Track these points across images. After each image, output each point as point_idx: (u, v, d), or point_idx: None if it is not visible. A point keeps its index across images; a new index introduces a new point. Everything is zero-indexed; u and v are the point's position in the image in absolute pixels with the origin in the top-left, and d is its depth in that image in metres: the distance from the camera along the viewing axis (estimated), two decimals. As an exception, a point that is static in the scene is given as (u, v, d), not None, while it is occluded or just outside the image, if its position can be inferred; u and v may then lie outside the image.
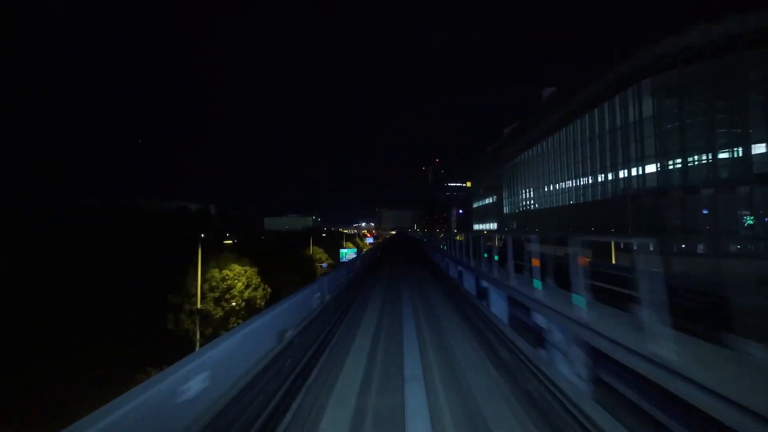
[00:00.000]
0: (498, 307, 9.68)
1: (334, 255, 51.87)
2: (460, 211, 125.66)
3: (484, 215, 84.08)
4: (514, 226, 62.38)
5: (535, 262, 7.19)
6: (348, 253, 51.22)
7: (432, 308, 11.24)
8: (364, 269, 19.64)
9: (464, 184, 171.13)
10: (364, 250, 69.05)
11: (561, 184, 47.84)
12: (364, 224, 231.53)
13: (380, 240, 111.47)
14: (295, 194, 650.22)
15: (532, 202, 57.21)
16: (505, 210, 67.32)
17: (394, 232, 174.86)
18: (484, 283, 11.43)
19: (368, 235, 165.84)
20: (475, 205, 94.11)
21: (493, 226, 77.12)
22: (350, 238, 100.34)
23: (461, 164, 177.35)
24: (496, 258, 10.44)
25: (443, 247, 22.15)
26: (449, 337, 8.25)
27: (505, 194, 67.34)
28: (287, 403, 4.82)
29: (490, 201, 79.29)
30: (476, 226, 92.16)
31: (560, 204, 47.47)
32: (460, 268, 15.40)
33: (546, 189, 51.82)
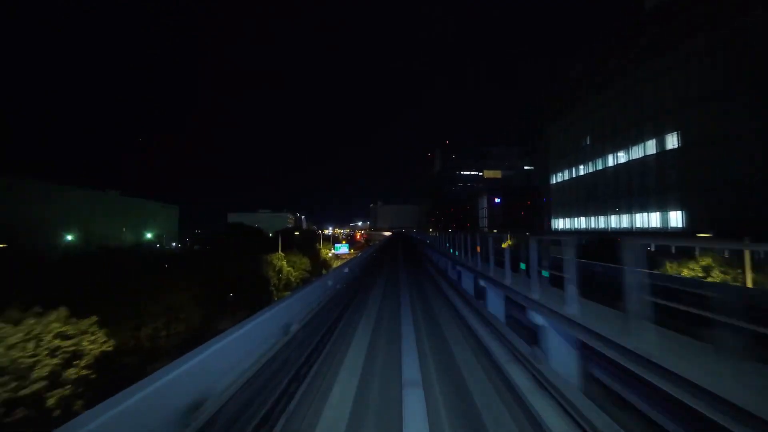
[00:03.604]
0: None
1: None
2: (497, 200, 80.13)
3: (601, 194, 38.00)
4: None
5: None
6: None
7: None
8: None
9: (480, 173, 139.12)
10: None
11: None
12: (360, 223, 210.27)
13: (370, 245, 68.58)
14: (291, 191, 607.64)
15: None
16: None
17: (389, 233, 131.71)
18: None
19: (358, 237, 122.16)
20: (555, 181, 47.97)
21: (645, 219, 31.29)
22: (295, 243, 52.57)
23: (478, 148, 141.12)
24: None
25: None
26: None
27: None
28: None
29: (644, 153, 33.24)
30: (559, 224, 46.19)
31: None
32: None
33: None
